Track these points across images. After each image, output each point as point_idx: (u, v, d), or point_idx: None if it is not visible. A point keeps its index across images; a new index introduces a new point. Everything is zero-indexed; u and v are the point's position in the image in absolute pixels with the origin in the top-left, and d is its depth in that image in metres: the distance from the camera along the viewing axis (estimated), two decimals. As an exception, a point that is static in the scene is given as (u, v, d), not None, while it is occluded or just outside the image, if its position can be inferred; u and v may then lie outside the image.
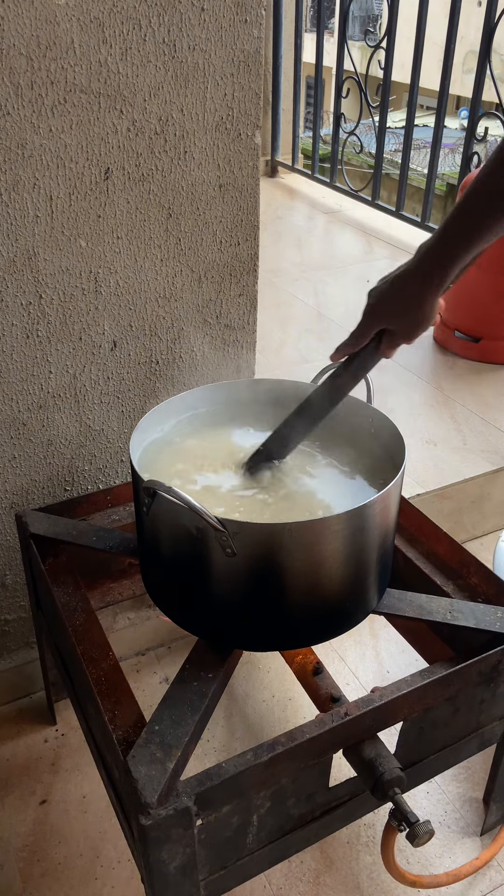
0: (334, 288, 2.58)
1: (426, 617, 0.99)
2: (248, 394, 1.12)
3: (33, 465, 1.21)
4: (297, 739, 0.83)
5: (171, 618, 0.97)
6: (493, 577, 1.06)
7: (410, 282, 0.85)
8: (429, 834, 0.87)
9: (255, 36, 1.07)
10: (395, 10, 2.66)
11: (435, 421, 1.88)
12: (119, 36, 0.98)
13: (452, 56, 2.51)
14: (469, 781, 1.26)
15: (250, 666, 1.44)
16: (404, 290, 0.86)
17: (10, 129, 0.96)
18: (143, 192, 1.09)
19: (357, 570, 0.92)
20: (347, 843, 1.17)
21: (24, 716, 1.35)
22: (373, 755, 0.88)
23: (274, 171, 3.75)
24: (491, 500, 1.74)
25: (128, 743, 0.83)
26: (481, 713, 1.02)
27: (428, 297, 0.84)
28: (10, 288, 1.06)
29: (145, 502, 0.87)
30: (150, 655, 1.46)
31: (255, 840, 0.88)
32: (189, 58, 1.03)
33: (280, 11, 3.28)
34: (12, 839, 1.17)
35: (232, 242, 1.20)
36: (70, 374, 1.16)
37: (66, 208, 1.04)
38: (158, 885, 0.80)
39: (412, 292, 0.85)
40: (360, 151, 3.35)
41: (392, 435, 0.99)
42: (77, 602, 1.02)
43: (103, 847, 1.16)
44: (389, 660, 1.46)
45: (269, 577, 0.87)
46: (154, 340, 1.22)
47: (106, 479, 1.30)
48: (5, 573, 1.27)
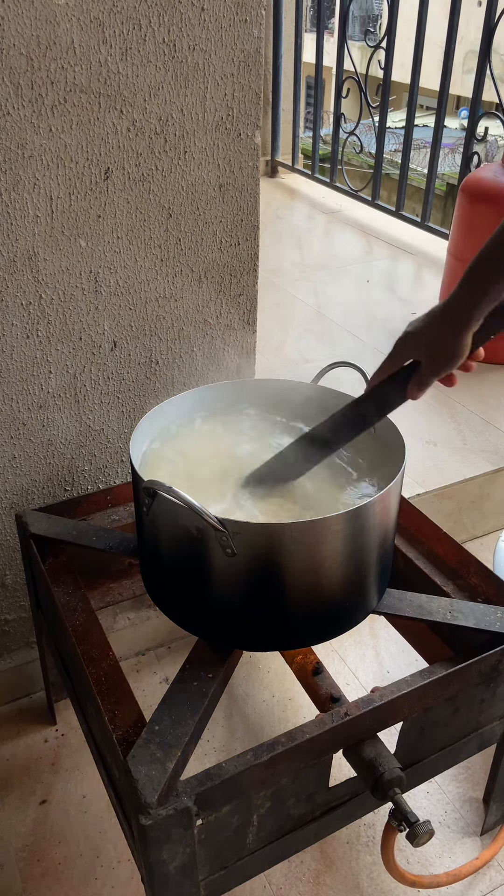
0: (334, 288, 2.58)
1: (426, 617, 0.99)
2: (248, 394, 1.12)
3: (33, 465, 1.21)
4: (297, 739, 0.83)
5: (171, 618, 0.97)
6: (493, 577, 1.06)
7: (440, 318, 0.87)
8: (429, 834, 0.87)
9: (255, 36, 1.07)
10: (395, 10, 2.66)
11: (435, 421, 1.88)
12: (119, 36, 0.98)
13: (452, 56, 2.51)
14: (469, 781, 1.26)
15: (250, 666, 1.44)
16: (435, 325, 0.87)
17: (10, 129, 0.96)
18: (143, 192, 1.09)
19: (357, 570, 0.92)
20: (347, 843, 1.17)
21: (24, 716, 1.35)
22: (373, 755, 0.88)
23: (274, 171, 3.75)
24: (491, 500, 1.74)
25: (128, 743, 0.83)
26: (481, 713, 1.02)
27: (456, 335, 0.85)
28: (10, 288, 1.06)
29: (145, 502, 0.87)
30: (150, 655, 1.46)
31: (255, 840, 0.88)
32: (189, 58, 1.03)
33: (280, 11, 3.28)
34: (12, 839, 1.17)
35: (232, 242, 1.20)
36: (70, 374, 1.16)
37: (66, 208, 1.04)
38: (158, 885, 0.80)
39: (442, 328, 0.87)
40: (360, 151, 3.35)
41: (392, 435, 0.99)
42: (77, 602, 1.02)
43: (103, 847, 1.16)
44: (389, 660, 1.47)
45: (270, 577, 0.87)
46: (154, 340, 1.22)
47: (106, 479, 1.30)
48: (5, 573, 1.27)
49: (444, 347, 0.87)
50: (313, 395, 1.10)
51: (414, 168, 7.82)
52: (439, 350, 0.87)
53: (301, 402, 1.10)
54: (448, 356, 0.87)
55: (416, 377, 0.90)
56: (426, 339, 0.88)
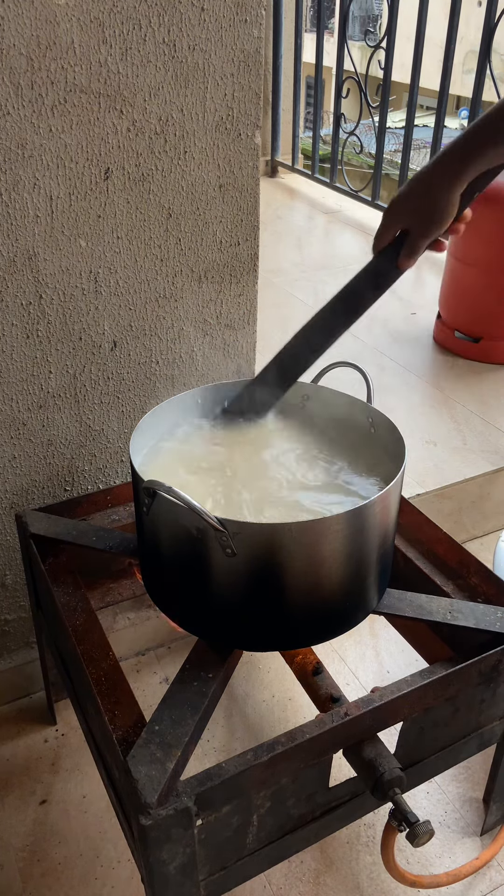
0: (334, 288, 2.56)
1: (426, 617, 0.99)
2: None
3: (33, 465, 1.21)
4: (297, 739, 0.83)
5: (171, 618, 0.97)
6: (493, 577, 1.06)
7: (427, 175, 0.84)
8: (429, 834, 0.87)
9: (255, 36, 1.07)
10: (395, 10, 2.66)
11: (435, 421, 1.88)
12: (119, 36, 0.98)
13: (452, 56, 2.51)
14: (469, 781, 1.26)
15: (250, 666, 1.44)
16: (421, 183, 0.85)
17: (10, 129, 0.96)
18: (143, 192, 1.09)
19: (357, 570, 0.92)
20: (347, 843, 1.17)
21: (24, 716, 1.35)
22: (373, 755, 0.88)
23: (274, 171, 3.75)
24: (491, 500, 1.74)
25: (128, 743, 0.83)
26: (481, 713, 1.02)
27: (444, 189, 0.83)
28: (10, 288, 1.06)
29: (145, 502, 0.87)
30: (150, 655, 1.46)
31: (255, 840, 0.88)
32: (189, 58, 1.03)
33: (280, 11, 3.28)
34: (12, 839, 1.17)
35: (232, 242, 1.20)
36: (70, 374, 1.16)
37: (66, 208, 1.04)
38: (158, 885, 0.80)
39: (428, 185, 0.84)
40: (360, 151, 3.35)
41: (392, 435, 0.99)
42: (77, 602, 1.02)
43: (103, 847, 1.16)
44: (389, 660, 1.47)
45: (269, 577, 0.87)
46: (154, 340, 1.22)
47: (106, 479, 1.30)
48: (5, 573, 1.27)
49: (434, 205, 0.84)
50: (313, 396, 1.10)
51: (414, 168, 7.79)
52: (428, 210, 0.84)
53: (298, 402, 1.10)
54: (438, 216, 0.85)
55: (407, 244, 0.88)
56: (413, 202, 0.86)
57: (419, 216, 0.86)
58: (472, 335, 2.15)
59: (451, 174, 0.83)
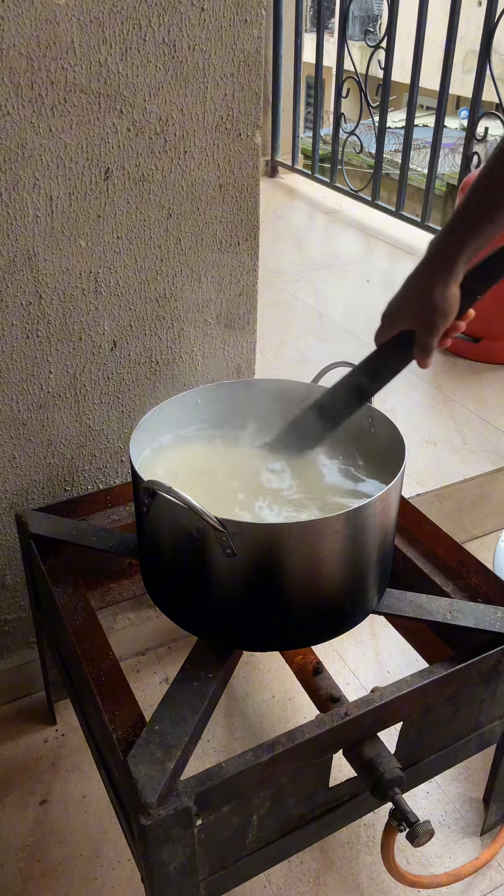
0: (334, 288, 2.58)
1: (426, 617, 0.99)
2: (248, 394, 1.11)
3: (33, 465, 1.21)
4: (297, 739, 0.83)
5: (172, 618, 0.97)
6: (494, 577, 1.06)
7: (420, 278, 0.86)
8: (429, 834, 0.87)
9: (255, 36, 1.07)
10: (395, 10, 2.66)
11: (435, 421, 1.88)
12: (119, 36, 0.98)
13: (452, 56, 2.51)
14: (469, 781, 1.26)
15: (250, 666, 1.44)
16: (414, 285, 0.86)
17: (10, 129, 0.96)
18: (143, 192, 1.09)
19: (357, 570, 0.92)
20: (347, 843, 1.17)
21: (24, 716, 1.35)
22: (373, 755, 0.88)
23: (274, 171, 3.75)
24: (491, 500, 1.74)
25: (128, 743, 0.83)
26: (481, 713, 1.02)
27: (437, 288, 0.84)
28: (10, 288, 1.06)
29: (145, 502, 0.87)
30: (150, 655, 1.46)
31: (255, 840, 0.88)
32: (189, 58, 1.03)
33: (280, 11, 3.28)
34: (12, 839, 1.17)
35: (232, 242, 1.20)
36: (70, 374, 1.16)
37: (66, 208, 1.04)
38: (158, 885, 0.80)
39: (421, 286, 0.85)
40: (360, 151, 3.35)
41: (392, 435, 0.99)
42: (77, 602, 1.02)
43: (103, 847, 1.16)
44: (389, 660, 1.47)
45: (269, 577, 0.87)
46: (154, 340, 1.22)
47: (106, 479, 1.30)
48: (5, 573, 1.27)
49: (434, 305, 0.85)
50: (313, 396, 1.10)
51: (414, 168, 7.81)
52: (430, 309, 0.85)
53: (301, 403, 1.10)
54: (440, 313, 0.85)
55: (417, 346, 0.89)
56: (412, 304, 0.86)
57: (421, 316, 0.87)
58: (472, 335, 2.15)
59: (444, 271, 0.84)
